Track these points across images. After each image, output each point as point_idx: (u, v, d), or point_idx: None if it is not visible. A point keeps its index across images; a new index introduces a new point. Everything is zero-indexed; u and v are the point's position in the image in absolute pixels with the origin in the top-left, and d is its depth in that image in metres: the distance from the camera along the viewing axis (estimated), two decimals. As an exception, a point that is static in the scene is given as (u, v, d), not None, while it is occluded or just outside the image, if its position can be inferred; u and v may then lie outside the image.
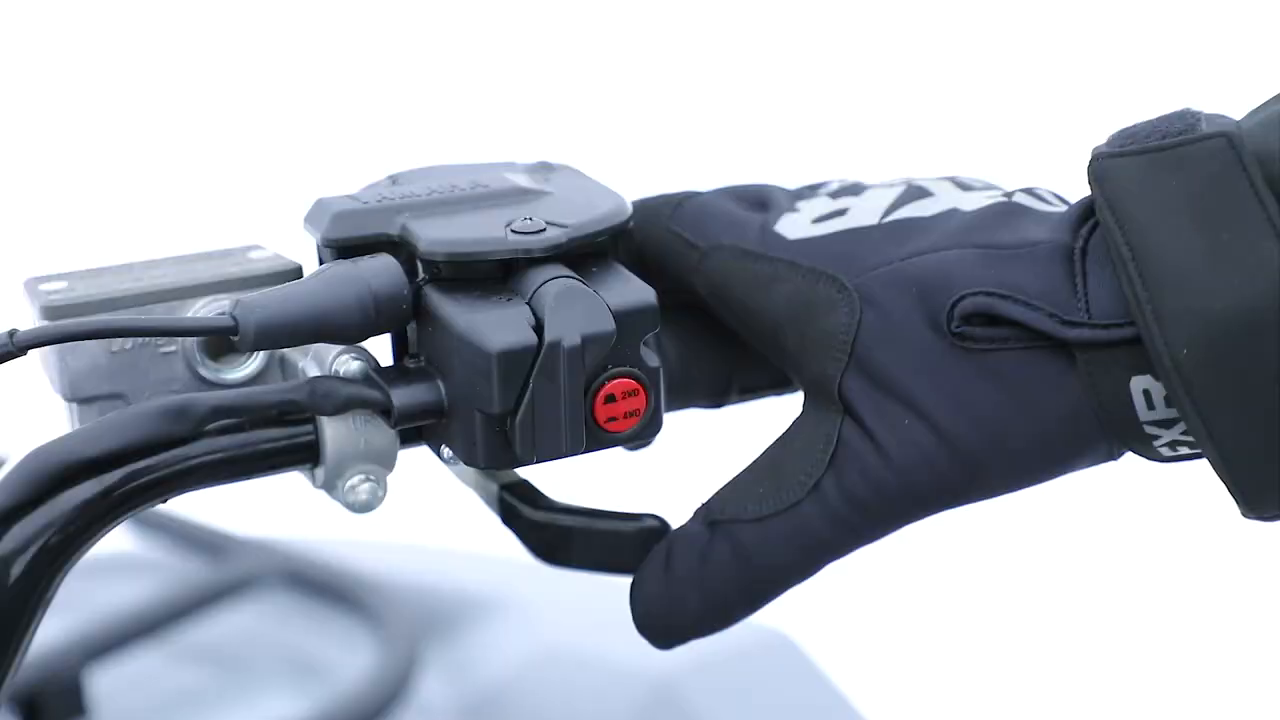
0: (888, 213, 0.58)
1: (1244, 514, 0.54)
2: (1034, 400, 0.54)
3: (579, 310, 0.55)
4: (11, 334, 0.53)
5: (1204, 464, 0.54)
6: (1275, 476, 0.51)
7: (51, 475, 0.54)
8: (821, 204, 0.60)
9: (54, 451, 0.54)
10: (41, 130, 2.94)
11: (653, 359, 0.57)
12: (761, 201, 0.62)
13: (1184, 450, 0.54)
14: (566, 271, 0.57)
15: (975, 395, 0.54)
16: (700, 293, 0.61)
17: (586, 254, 0.58)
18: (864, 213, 0.59)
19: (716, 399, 0.66)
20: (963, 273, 0.54)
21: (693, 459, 0.67)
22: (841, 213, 0.59)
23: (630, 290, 0.57)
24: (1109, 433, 0.54)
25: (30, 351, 0.54)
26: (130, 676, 0.97)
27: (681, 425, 0.69)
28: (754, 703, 0.97)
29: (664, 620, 0.58)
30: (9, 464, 0.54)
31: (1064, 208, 0.57)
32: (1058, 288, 0.53)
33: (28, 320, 0.59)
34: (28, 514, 0.53)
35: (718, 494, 0.58)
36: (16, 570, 0.53)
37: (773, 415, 0.62)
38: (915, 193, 0.59)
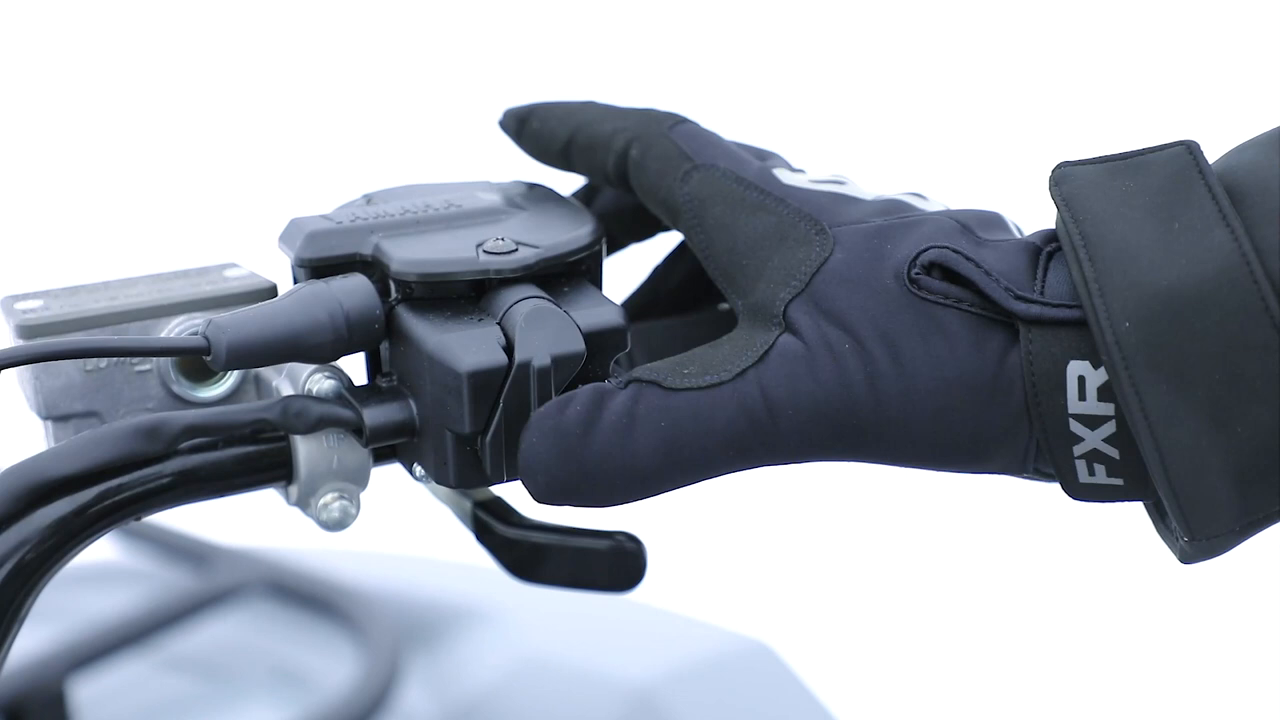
0: (882, 196, 0.59)
1: (1183, 548, 0.54)
2: (970, 363, 0.54)
3: (549, 331, 0.56)
4: (-15, 353, 0.54)
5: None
6: (1211, 468, 0.51)
7: (26, 493, 0.54)
8: (821, 174, 0.61)
9: (29, 469, 0.54)
10: (17, 148, 2.94)
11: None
12: (762, 155, 0.63)
13: (1100, 473, 0.54)
14: (537, 292, 0.57)
15: (915, 341, 0.54)
16: (675, 202, 0.60)
17: (558, 274, 0.59)
18: (860, 191, 0.60)
19: None
20: (937, 233, 0.55)
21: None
22: (840, 182, 0.60)
23: (601, 312, 0.57)
24: (1034, 423, 0.54)
25: (6, 370, 0.54)
26: (114, 686, 0.97)
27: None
28: (734, 712, 0.97)
29: (549, 460, 0.54)
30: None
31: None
32: (1018, 270, 0.54)
33: (3, 339, 0.59)
34: (2, 531, 0.54)
35: (641, 366, 0.56)
36: (-9, 587, 0.54)
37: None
38: (911, 194, 0.60)
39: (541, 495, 0.55)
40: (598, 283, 0.61)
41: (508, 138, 0.67)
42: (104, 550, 1.08)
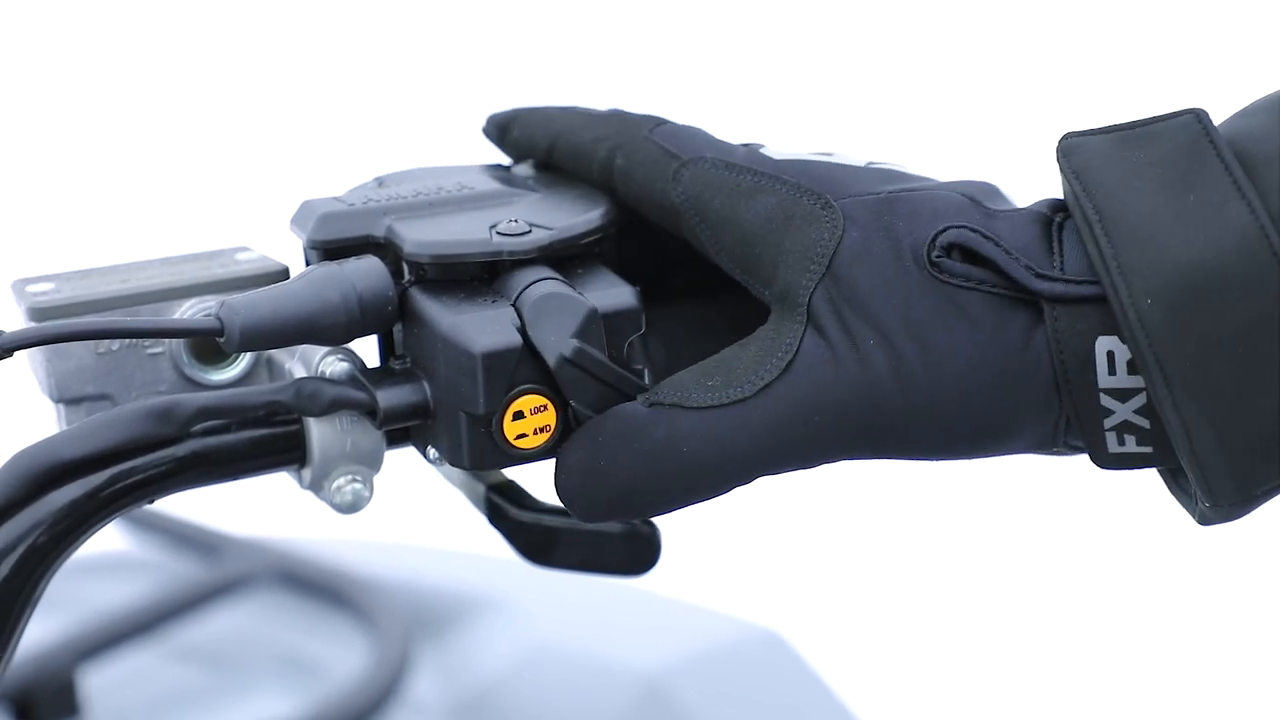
0: (873, 163, 0.59)
1: (1202, 512, 0.54)
2: (996, 346, 0.53)
3: (557, 315, 0.55)
4: (-2, 335, 0.53)
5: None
6: (1234, 440, 0.51)
7: (38, 476, 0.54)
8: (808, 150, 0.60)
9: (41, 452, 0.54)
10: (29, 131, 2.94)
11: (637, 361, 0.57)
12: (745, 143, 0.61)
13: (1130, 443, 0.54)
14: (551, 273, 0.57)
15: (940, 329, 0.53)
16: (671, 203, 0.59)
17: (572, 256, 0.59)
18: (848, 158, 0.59)
19: None
20: (949, 209, 0.55)
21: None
22: (829, 154, 0.59)
23: (615, 293, 0.57)
24: (1064, 400, 0.53)
25: (18, 353, 0.54)
26: (123, 676, 0.97)
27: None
28: (745, 701, 0.97)
29: (582, 488, 0.56)
30: (-3, 464, 0.55)
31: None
32: (1034, 245, 0.54)
33: (15, 321, 0.59)
34: (14, 515, 0.54)
35: (667, 381, 0.56)
36: (3, 571, 0.54)
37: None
38: (900, 168, 0.59)
39: (584, 519, 0.57)
40: (612, 265, 0.60)
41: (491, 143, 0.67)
42: (114, 540, 1.08)
